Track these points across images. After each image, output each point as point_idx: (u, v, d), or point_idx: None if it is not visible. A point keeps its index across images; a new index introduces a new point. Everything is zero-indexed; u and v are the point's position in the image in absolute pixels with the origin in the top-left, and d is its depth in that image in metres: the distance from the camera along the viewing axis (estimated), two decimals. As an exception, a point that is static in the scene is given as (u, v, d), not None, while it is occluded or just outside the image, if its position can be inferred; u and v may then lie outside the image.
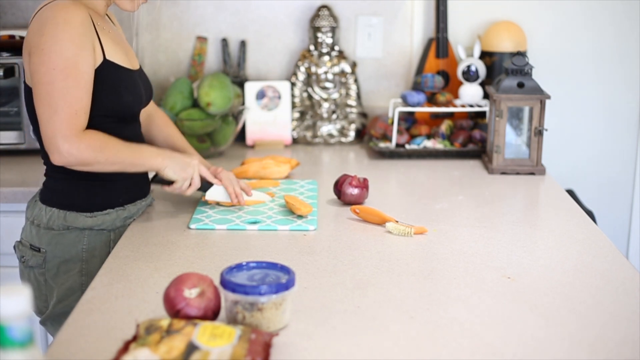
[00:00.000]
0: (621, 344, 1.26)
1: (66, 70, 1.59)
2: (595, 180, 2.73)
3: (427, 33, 2.66)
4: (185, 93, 2.40)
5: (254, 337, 1.15)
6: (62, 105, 1.58)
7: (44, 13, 1.63)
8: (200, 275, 1.26)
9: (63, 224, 1.72)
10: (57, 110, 1.58)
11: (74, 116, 1.59)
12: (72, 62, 1.59)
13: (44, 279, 1.76)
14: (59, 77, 1.58)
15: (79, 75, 1.60)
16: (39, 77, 1.60)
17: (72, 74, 1.59)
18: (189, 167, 1.76)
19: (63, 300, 1.74)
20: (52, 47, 1.58)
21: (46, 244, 1.74)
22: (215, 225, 1.76)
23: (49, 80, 1.59)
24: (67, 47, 1.59)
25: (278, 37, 2.65)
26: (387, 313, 1.35)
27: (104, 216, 1.75)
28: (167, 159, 1.74)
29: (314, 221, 1.78)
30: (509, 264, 1.58)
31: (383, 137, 2.47)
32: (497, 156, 2.22)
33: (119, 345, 1.16)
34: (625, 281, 1.50)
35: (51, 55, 1.58)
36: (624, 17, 2.62)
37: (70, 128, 1.59)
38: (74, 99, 1.60)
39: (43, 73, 1.59)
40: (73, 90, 1.60)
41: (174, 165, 1.74)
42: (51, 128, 1.59)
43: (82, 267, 1.74)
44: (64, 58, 1.59)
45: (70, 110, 1.59)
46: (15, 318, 0.85)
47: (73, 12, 1.61)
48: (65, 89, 1.59)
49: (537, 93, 2.21)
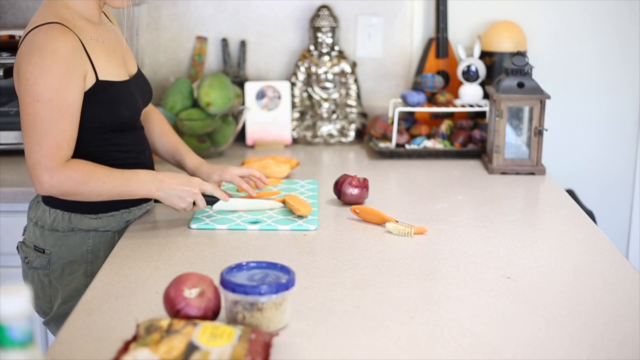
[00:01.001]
0: (621, 344, 1.26)
1: (50, 103, 1.57)
2: (595, 180, 2.73)
3: (427, 33, 2.66)
4: (185, 93, 2.40)
5: (254, 337, 1.15)
6: (45, 138, 1.57)
7: (34, 38, 1.60)
8: (200, 275, 1.26)
9: (68, 226, 1.72)
10: (39, 142, 1.57)
11: (55, 148, 1.58)
12: (57, 95, 1.57)
13: (48, 280, 1.76)
14: (43, 110, 1.57)
15: (64, 107, 1.58)
16: (23, 106, 1.59)
17: (57, 107, 1.57)
18: (187, 195, 1.70)
19: (68, 301, 1.74)
20: (38, 80, 1.56)
21: (51, 246, 1.73)
22: (215, 225, 1.76)
23: (33, 111, 1.57)
24: (53, 80, 1.57)
25: (278, 37, 2.65)
26: (387, 313, 1.35)
27: (108, 218, 1.75)
28: (161, 190, 1.68)
29: (315, 221, 1.78)
30: (509, 264, 1.58)
31: (383, 137, 2.47)
32: (497, 156, 2.22)
33: (119, 345, 1.16)
34: (625, 281, 1.50)
35: (36, 87, 1.56)
36: (625, 17, 2.62)
37: (51, 160, 1.58)
38: (57, 132, 1.58)
39: (28, 103, 1.58)
40: (57, 123, 1.58)
41: (169, 196, 1.69)
42: (32, 159, 1.58)
43: (87, 268, 1.74)
44: (49, 90, 1.56)
45: (52, 142, 1.58)
46: (15, 318, 0.85)
47: (62, 42, 1.58)
48: (49, 122, 1.57)
49: (537, 93, 2.21)
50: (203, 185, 1.73)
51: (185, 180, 1.71)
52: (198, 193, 1.71)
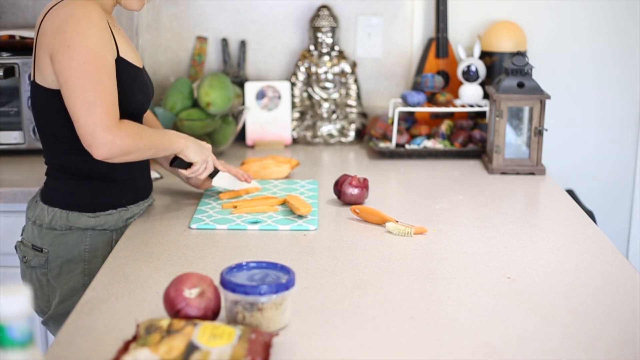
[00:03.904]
0: (621, 344, 1.26)
1: (97, 63, 1.59)
2: (595, 180, 2.73)
3: (427, 33, 2.66)
4: (185, 93, 2.40)
5: (254, 337, 1.15)
6: (99, 98, 1.59)
7: (58, 11, 1.63)
8: (200, 275, 1.26)
9: (65, 224, 1.72)
10: (95, 103, 1.58)
11: (111, 106, 1.60)
12: (100, 56, 1.60)
13: (46, 279, 1.76)
14: (92, 71, 1.59)
15: (109, 67, 1.62)
16: (69, 72, 1.59)
17: (103, 67, 1.60)
18: (206, 149, 1.84)
19: (65, 300, 1.74)
20: (80, 43, 1.59)
21: (48, 244, 1.74)
22: (216, 225, 1.76)
23: (82, 74, 1.58)
24: (94, 41, 1.60)
25: (278, 37, 2.65)
26: (387, 313, 1.35)
27: (106, 216, 1.75)
28: (189, 141, 1.80)
29: (315, 221, 1.78)
30: (509, 264, 1.58)
31: (383, 137, 2.47)
32: (497, 156, 2.22)
33: (119, 345, 1.16)
34: (625, 281, 1.50)
35: (80, 50, 1.58)
36: (624, 17, 2.62)
37: (111, 119, 1.60)
38: (109, 91, 1.61)
39: (74, 68, 1.59)
40: (106, 82, 1.60)
41: (195, 146, 1.80)
42: (91, 121, 1.58)
43: (85, 267, 1.74)
44: (93, 52, 1.59)
45: (107, 101, 1.60)
46: (15, 318, 0.85)
47: (90, 8, 1.62)
48: (100, 82, 1.59)
49: (537, 93, 2.21)
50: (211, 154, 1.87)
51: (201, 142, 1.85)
52: (211, 154, 1.86)
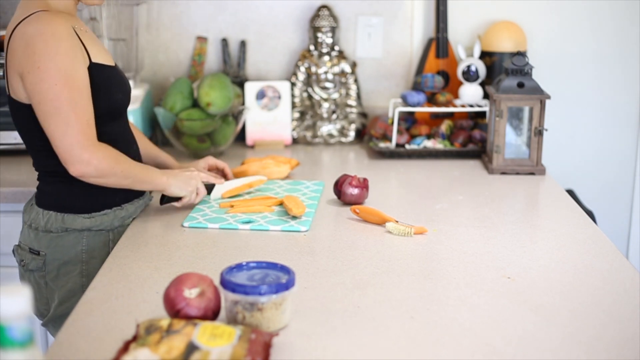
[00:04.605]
0: (621, 344, 1.26)
1: (68, 83, 1.58)
2: (595, 180, 2.73)
3: (427, 33, 2.66)
4: (185, 93, 2.40)
5: (254, 337, 1.15)
6: (74, 118, 1.58)
7: (25, 29, 1.60)
8: (200, 275, 1.26)
9: (61, 226, 1.72)
10: (69, 124, 1.58)
11: (86, 126, 1.60)
12: (72, 74, 1.59)
13: (44, 282, 1.76)
14: (64, 91, 1.58)
15: (81, 85, 1.61)
16: (41, 95, 1.59)
17: (75, 86, 1.59)
18: (191, 179, 1.82)
19: (64, 302, 1.74)
20: (49, 64, 1.57)
21: (45, 247, 1.73)
22: (208, 224, 1.76)
23: (54, 96, 1.58)
24: (63, 60, 1.58)
25: (278, 37, 2.65)
26: (387, 313, 1.35)
27: (102, 217, 1.75)
28: (171, 178, 1.79)
29: (308, 222, 1.78)
30: (509, 264, 1.58)
31: (383, 137, 2.47)
32: (497, 156, 2.22)
33: (119, 345, 1.16)
34: (625, 281, 1.50)
35: (50, 71, 1.57)
36: (624, 17, 2.62)
37: (86, 138, 1.60)
38: (83, 109, 1.60)
39: (46, 90, 1.58)
40: (80, 101, 1.60)
41: (177, 182, 1.80)
42: (68, 142, 1.59)
43: (82, 268, 1.74)
44: (64, 71, 1.58)
45: (82, 120, 1.60)
46: (15, 318, 0.85)
47: (57, 24, 1.60)
48: (73, 101, 1.59)
49: (537, 93, 2.21)
50: (201, 173, 1.86)
51: (186, 171, 1.85)
52: (199, 179, 1.84)
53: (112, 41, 2.47)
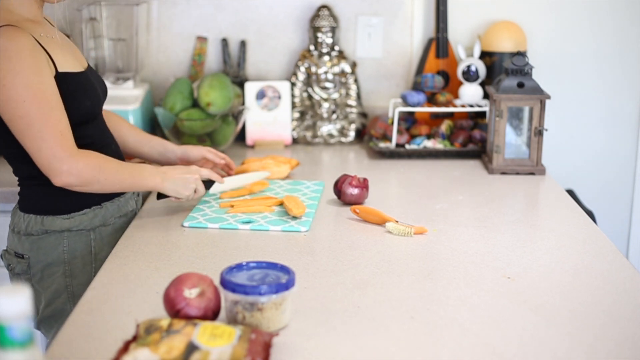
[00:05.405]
0: (621, 344, 1.26)
1: (36, 98, 1.57)
2: (595, 180, 2.73)
3: (427, 33, 2.66)
4: (185, 93, 2.40)
5: (254, 337, 1.15)
6: (47, 132, 1.57)
7: None
8: (200, 275, 1.26)
9: (41, 229, 1.72)
10: (43, 138, 1.57)
11: (61, 137, 1.59)
12: (39, 89, 1.57)
13: (30, 285, 1.75)
14: (33, 107, 1.56)
15: (50, 98, 1.59)
16: (10, 113, 1.57)
17: (44, 100, 1.58)
18: (189, 182, 1.78)
19: (51, 303, 1.74)
20: (15, 81, 1.56)
21: (28, 250, 1.73)
22: (208, 224, 1.76)
23: (24, 113, 1.57)
24: (29, 76, 1.56)
25: (278, 37, 2.65)
26: (387, 313, 1.35)
27: (81, 217, 1.74)
28: (166, 181, 1.76)
29: (308, 222, 1.78)
30: (509, 264, 1.58)
31: (383, 137, 2.47)
32: (497, 156, 2.22)
33: (119, 345, 1.16)
34: (625, 281, 1.50)
35: (16, 89, 1.56)
36: (624, 16, 2.62)
37: (63, 150, 1.59)
38: (55, 122, 1.58)
39: (14, 108, 1.57)
40: (50, 114, 1.58)
41: (173, 185, 1.77)
42: (44, 155, 1.58)
43: (65, 269, 1.73)
44: (30, 87, 1.56)
45: (56, 133, 1.58)
46: (15, 318, 0.85)
47: (21, 39, 1.57)
48: (43, 116, 1.57)
49: (537, 93, 2.21)
50: (201, 171, 1.82)
51: (185, 169, 1.80)
52: (198, 179, 1.80)
53: (112, 41, 2.47)
